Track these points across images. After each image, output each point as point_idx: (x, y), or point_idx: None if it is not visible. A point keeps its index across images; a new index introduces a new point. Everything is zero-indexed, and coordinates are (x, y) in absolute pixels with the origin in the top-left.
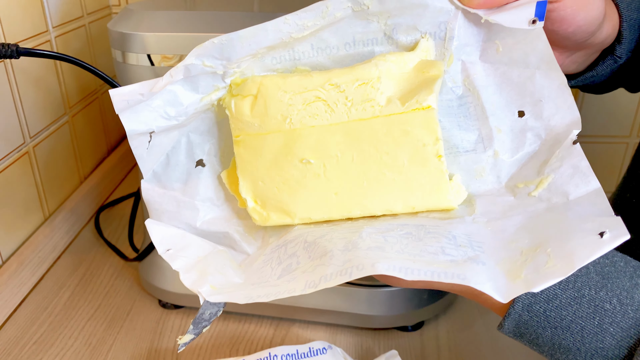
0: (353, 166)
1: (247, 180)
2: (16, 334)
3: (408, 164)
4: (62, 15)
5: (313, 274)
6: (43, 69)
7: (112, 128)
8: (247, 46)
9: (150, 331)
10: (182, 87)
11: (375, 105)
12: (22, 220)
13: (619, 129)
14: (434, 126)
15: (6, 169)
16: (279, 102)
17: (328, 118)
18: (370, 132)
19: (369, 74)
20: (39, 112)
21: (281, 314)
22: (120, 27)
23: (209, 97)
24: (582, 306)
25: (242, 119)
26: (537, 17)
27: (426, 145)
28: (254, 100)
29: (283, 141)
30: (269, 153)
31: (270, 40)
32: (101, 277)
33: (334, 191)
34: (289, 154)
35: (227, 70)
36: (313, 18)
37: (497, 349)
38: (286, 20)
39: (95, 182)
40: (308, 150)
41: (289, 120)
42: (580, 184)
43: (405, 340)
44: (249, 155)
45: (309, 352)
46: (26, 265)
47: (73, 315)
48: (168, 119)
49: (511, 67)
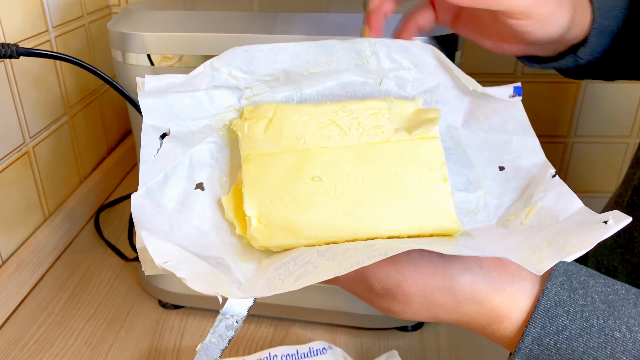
0: (362, 186)
1: (253, 198)
2: (16, 333)
3: (416, 186)
4: (62, 15)
5: (343, 263)
6: (43, 69)
7: (112, 128)
8: (271, 64)
9: (150, 331)
10: (201, 97)
11: (385, 132)
12: (22, 220)
13: (619, 129)
14: (439, 152)
15: (6, 169)
16: (294, 124)
17: (340, 140)
18: (380, 155)
19: (380, 105)
20: (38, 112)
21: (281, 314)
22: (120, 27)
23: (223, 115)
24: (593, 336)
25: (255, 139)
26: (515, 93)
27: (433, 169)
28: (269, 123)
29: (295, 160)
30: (279, 171)
31: (289, 64)
32: (101, 277)
33: (342, 210)
34: (301, 171)
35: (245, 90)
36: (326, 55)
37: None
38: (307, 48)
39: (95, 182)
40: (320, 169)
41: (302, 140)
42: (567, 207)
43: (405, 340)
44: (258, 174)
45: (309, 352)
46: (26, 265)
47: (73, 315)
48: (182, 124)
49: (490, 133)
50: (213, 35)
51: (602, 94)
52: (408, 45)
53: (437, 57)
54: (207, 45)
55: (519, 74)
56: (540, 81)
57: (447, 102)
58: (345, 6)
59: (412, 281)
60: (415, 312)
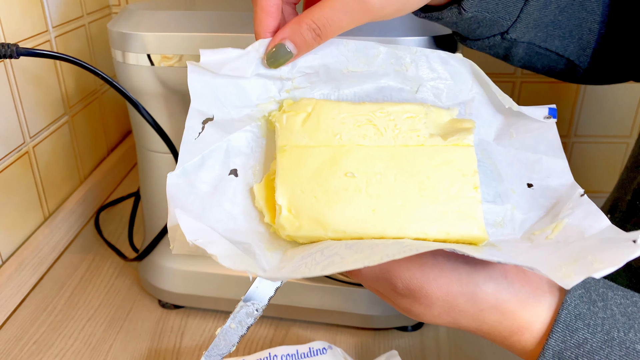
0: (394, 186)
1: (286, 188)
2: (16, 333)
3: (447, 190)
4: (62, 15)
5: (372, 255)
6: (43, 69)
7: (112, 128)
8: (312, 56)
9: (150, 331)
10: (245, 85)
11: (421, 136)
12: (22, 220)
13: (619, 129)
14: (472, 159)
15: (6, 169)
16: (331, 120)
17: (376, 140)
18: (413, 157)
19: (417, 109)
20: (39, 112)
21: (281, 314)
22: (120, 27)
23: (263, 106)
24: (614, 349)
25: (292, 130)
26: (550, 115)
27: (465, 176)
28: (307, 117)
29: (330, 155)
30: (313, 164)
31: (329, 58)
32: (101, 277)
33: (372, 208)
34: (334, 166)
35: (286, 81)
36: (366, 57)
37: (497, 349)
38: (347, 45)
39: (95, 182)
40: (353, 165)
41: (338, 136)
42: (594, 224)
43: (405, 340)
44: (292, 164)
45: (309, 352)
46: (26, 265)
47: (73, 315)
48: (224, 111)
49: (521, 151)
50: (213, 35)
51: (602, 94)
52: (447, 57)
53: (474, 72)
54: (207, 45)
55: (519, 73)
56: (541, 81)
57: (480, 116)
58: None
59: (436, 285)
60: (435, 315)
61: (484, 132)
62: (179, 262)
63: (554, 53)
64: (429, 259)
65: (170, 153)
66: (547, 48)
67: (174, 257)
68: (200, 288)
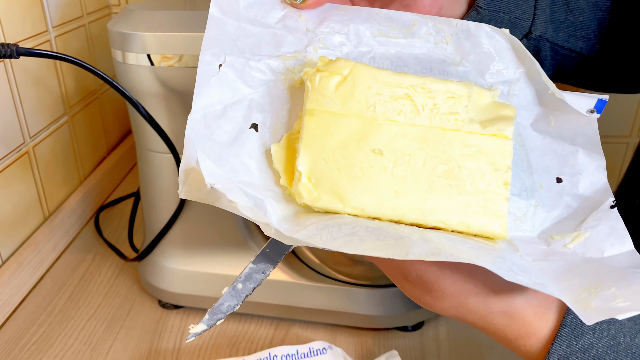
0: (422, 170)
1: (309, 155)
2: (16, 333)
3: (476, 183)
4: (62, 15)
5: (397, 248)
6: (43, 69)
7: (112, 128)
8: (340, 16)
9: (150, 331)
10: (268, 36)
11: (459, 120)
12: (22, 220)
13: (619, 129)
14: (508, 154)
15: (6, 169)
16: (367, 89)
17: (411, 118)
18: (447, 142)
19: (460, 90)
20: (38, 112)
21: (281, 314)
22: (120, 27)
23: (285, 58)
24: (619, 354)
25: (324, 94)
26: (595, 109)
27: (497, 170)
28: (342, 80)
29: (360, 127)
30: (341, 134)
31: (359, 21)
32: (101, 277)
33: (395, 189)
34: (363, 140)
35: (313, 37)
36: (400, 25)
37: (497, 350)
38: (379, 12)
39: (95, 182)
40: (382, 142)
41: (372, 108)
42: (616, 244)
43: (405, 340)
44: (319, 131)
45: (309, 352)
46: (26, 265)
47: (73, 315)
48: (243, 57)
49: (557, 141)
50: None
51: None
52: (493, 32)
53: (519, 50)
54: None
55: None
56: None
57: (522, 98)
58: None
59: (451, 281)
60: (444, 308)
61: (522, 116)
62: (179, 262)
63: (577, 53)
64: None
65: (170, 153)
66: (571, 49)
67: (174, 257)
68: (200, 288)
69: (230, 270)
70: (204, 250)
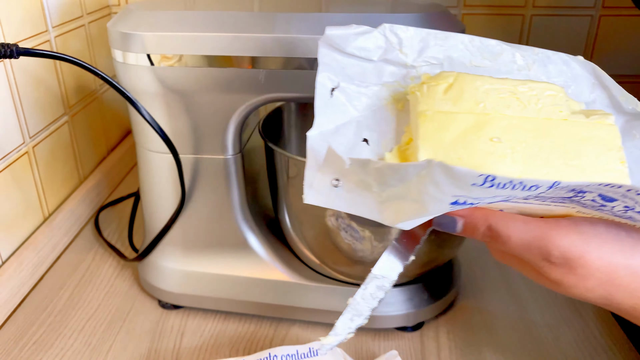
0: (539, 155)
1: (428, 150)
2: (16, 333)
3: (594, 162)
4: (61, 15)
5: None
6: (43, 69)
7: (112, 128)
8: (439, 47)
9: (150, 331)
10: (371, 68)
11: (563, 112)
12: (22, 220)
13: None
14: (617, 136)
15: (6, 169)
16: (475, 89)
17: (520, 111)
18: (558, 130)
19: (558, 89)
20: (38, 112)
21: (281, 314)
22: (120, 26)
23: (389, 86)
24: None
25: (435, 97)
26: None
27: (611, 150)
28: (449, 87)
29: (474, 121)
30: (457, 128)
31: (454, 50)
32: (101, 277)
33: (518, 173)
34: (480, 131)
35: (411, 69)
36: (490, 54)
37: (497, 350)
38: (472, 41)
39: (95, 182)
40: (498, 132)
41: (482, 105)
42: None
43: (405, 340)
44: (435, 128)
45: (309, 352)
46: (26, 265)
47: (73, 315)
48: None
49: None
50: (213, 35)
51: None
52: (569, 59)
53: (596, 74)
54: (207, 45)
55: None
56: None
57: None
58: (345, 6)
59: (598, 254)
60: (589, 288)
61: None
62: (179, 262)
63: None
64: (589, 228)
65: (170, 153)
66: None
67: (174, 257)
68: (200, 288)
69: (230, 270)
70: (204, 250)
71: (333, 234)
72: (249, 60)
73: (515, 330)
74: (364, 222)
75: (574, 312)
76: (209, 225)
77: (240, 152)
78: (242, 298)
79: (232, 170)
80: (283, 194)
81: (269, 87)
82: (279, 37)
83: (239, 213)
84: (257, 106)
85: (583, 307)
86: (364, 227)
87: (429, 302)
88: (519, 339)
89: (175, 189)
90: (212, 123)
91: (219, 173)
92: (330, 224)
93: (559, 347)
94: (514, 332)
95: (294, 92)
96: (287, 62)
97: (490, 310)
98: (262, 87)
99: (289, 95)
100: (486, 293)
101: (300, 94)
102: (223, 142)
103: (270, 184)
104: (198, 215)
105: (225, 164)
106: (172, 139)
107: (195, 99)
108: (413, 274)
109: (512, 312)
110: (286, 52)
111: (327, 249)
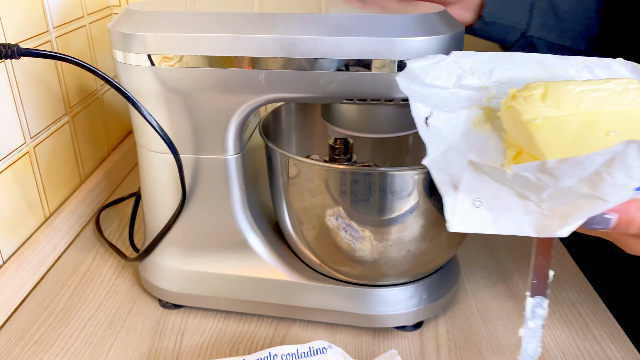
0: None
1: (555, 154)
2: (16, 333)
3: None
4: (62, 15)
5: None
6: (43, 69)
7: (113, 128)
8: (503, 67)
9: (150, 330)
10: (450, 95)
11: None
12: (23, 220)
13: None
14: None
15: (6, 169)
16: (569, 93)
17: (617, 106)
18: None
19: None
20: (39, 112)
21: (281, 313)
22: (121, 27)
23: (470, 111)
24: None
25: (535, 106)
26: None
27: None
28: (544, 94)
29: (583, 120)
30: (571, 130)
31: (518, 69)
32: (102, 277)
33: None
34: (593, 128)
35: (484, 91)
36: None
37: (497, 350)
38: (530, 57)
39: (96, 182)
40: (610, 125)
41: (583, 105)
42: None
43: (405, 340)
44: (550, 136)
45: (309, 351)
46: (26, 265)
47: (73, 315)
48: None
49: None
50: (214, 35)
51: None
52: (610, 62)
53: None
54: (207, 46)
55: None
56: None
57: None
58: (345, 6)
59: None
60: None
61: None
62: (179, 262)
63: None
64: None
65: (171, 153)
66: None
67: (174, 257)
68: (201, 288)
69: (230, 270)
70: (204, 249)
71: (333, 234)
72: (249, 61)
73: (515, 329)
74: (364, 222)
75: (573, 311)
76: (209, 225)
77: (241, 152)
78: (243, 297)
79: (232, 170)
80: (283, 193)
81: (269, 88)
82: (279, 37)
83: (239, 213)
84: (258, 106)
85: (583, 307)
86: (364, 227)
87: (428, 301)
88: (518, 338)
89: (175, 189)
90: (213, 123)
91: (219, 173)
92: (330, 224)
93: (559, 346)
94: (514, 332)
95: (294, 92)
96: (287, 62)
97: (489, 309)
98: (263, 87)
99: (289, 95)
100: (486, 293)
101: (301, 94)
102: (223, 142)
103: (270, 184)
104: (198, 215)
105: (226, 164)
106: (172, 139)
107: (195, 99)
108: (413, 274)
109: (512, 312)
110: (286, 53)
111: (327, 248)
